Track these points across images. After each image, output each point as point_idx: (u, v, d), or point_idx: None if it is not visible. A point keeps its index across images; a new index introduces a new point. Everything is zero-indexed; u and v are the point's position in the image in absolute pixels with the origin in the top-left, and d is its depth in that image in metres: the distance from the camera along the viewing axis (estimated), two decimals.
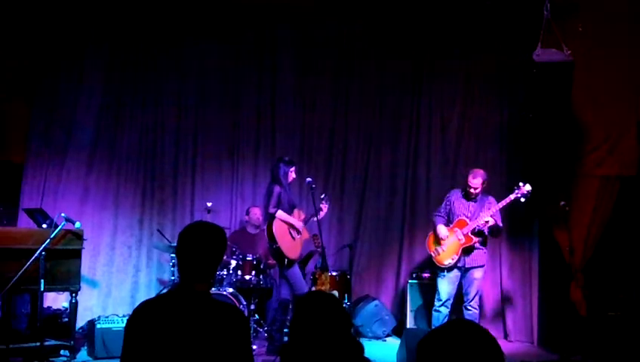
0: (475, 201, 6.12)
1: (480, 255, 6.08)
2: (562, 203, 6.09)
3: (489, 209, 6.00)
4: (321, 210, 6.41)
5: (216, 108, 7.72)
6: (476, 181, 6.03)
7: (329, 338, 2.42)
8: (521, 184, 5.99)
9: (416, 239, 7.51)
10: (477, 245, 6.03)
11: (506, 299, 7.27)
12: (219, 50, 7.71)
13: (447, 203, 6.26)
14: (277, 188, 6.09)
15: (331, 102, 7.86)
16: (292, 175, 6.28)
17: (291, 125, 7.82)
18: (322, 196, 6.55)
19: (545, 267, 7.02)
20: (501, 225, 6.09)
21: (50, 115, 7.24)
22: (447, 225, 6.17)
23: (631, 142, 6.23)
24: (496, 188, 6.38)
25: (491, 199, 6.12)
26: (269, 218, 6.09)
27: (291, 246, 6.15)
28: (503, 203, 5.99)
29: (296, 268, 6.16)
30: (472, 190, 6.06)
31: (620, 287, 6.38)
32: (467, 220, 6.03)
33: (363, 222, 7.73)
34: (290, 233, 6.18)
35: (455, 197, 6.23)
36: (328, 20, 7.81)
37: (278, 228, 6.07)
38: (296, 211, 6.31)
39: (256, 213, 7.28)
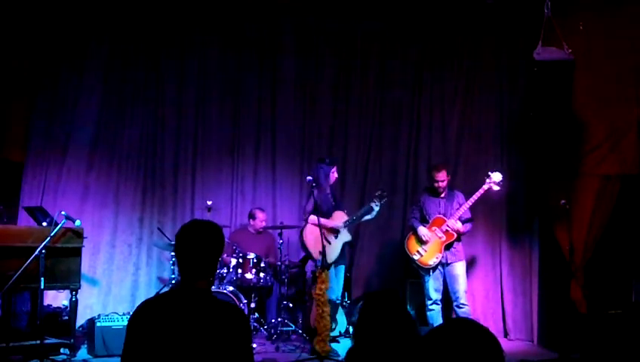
0: (444, 198, 6.22)
1: (459, 249, 6.17)
2: (563, 201, 6.10)
3: (459, 203, 6.13)
4: (372, 208, 6.27)
5: (216, 107, 7.72)
6: (441, 174, 6.19)
7: (396, 339, 2.40)
8: (490, 173, 6.13)
9: None
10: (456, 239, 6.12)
11: (506, 298, 7.26)
12: (219, 49, 7.72)
13: (419, 205, 6.38)
14: (314, 193, 6.12)
15: (332, 100, 7.86)
16: (334, 175, 6.29)
17: (292, 123, 7.82)
18: (377, 194, 6.30)
19: (545, 265, 7.01)
20: (470, 216, 6.25)
21: (51, 114, 7.24)
22: (423, 226, 6.23)
23: (632, 141, 6.23)
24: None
25: (459, 193, 6.28)
26: (304, 225, 6.21)
27: (326, 251, 6.03)
28: (477, 195, 6.09)
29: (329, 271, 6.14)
30: (439, 183, 6.18)
31: (620, 285, 6.37)
32: (443, 217, 6.10)
33: (363, 220, 7.71)
34: (326, 238, 6.01)
35: (424, 198, 6.37)
36: (329, 20, 7.81)
37: (309, 235, 6.12)
38: (337, 213, 6.26)
39: (261, 218, 7.25)
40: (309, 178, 6.22)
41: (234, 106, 7.75)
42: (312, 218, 6.08)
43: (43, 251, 5.19)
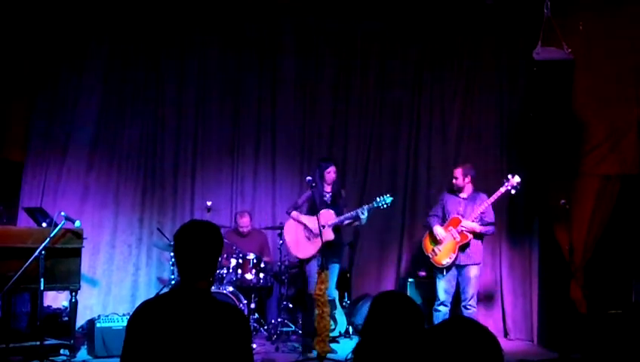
0: (466, 198, 6.17)
1: (475, 251, 6.06)
2: (562, 201, 6.09)
3: (480, 205, 6.05)
4: (358, 216, 6.07)
5: (216, 107, 7.72)
6: (457, 171, 6.16)
7: (404, 339, 2.40)
8: (509, 176, 6.05)
9: (416, 237, 7.49)
10: (472, 240, 6.03)
11: (505, 298, 7.26)
12: (219, 49, 7.72)
13: (441, 203, 6.33)
14: (307, 192, 6.30)
15: (331, 100, 7.86)
16: (330, 175, 6.27)
17: (292, 123, 7.82)
18: (376, 201, 6.04)
19: (545, 265, 7.01)
20: (492, 220, 6.12)
21: (51, 114, 7.24)
22: (441, 225, 6.19)
23: (632, 141, 6.22)
24: (496, 186, 6.37)
25: (483, 195, 6.16)
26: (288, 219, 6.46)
27: (301, 244, 6.26)
28: (494, 197, 6.02)
29: (312, 268, 6.14)
30: (454, 180, 6.16)
31: (620, 286, 6.37)
32: (460, 218, 6.05)
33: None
34: (305, 234, 6.24)
35: (446, 196, 6.33)
36: (329, 20, 7.81)
37: (288, 228, 6.37)
38: (324, 212, 6.14)
39: (242, 224, 7.20)
40: (309, 178, 6.20)
41: (234, 106, 7.75)
42: (294, 214, 6.32)
43: (43, 252, 5.19)
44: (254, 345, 6.09)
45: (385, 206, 6.08)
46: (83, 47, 7.34)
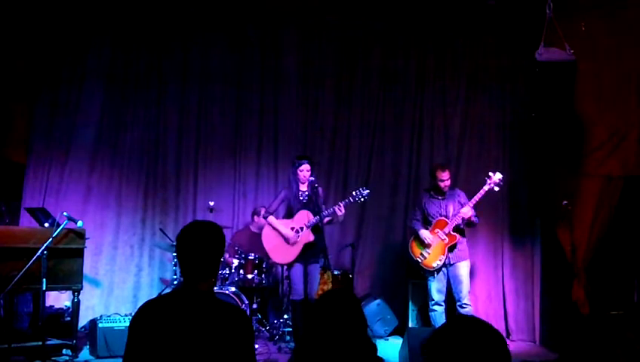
0: (445, 198, 6.13)
1: (462, 249, 6.08)
2: (565, 202, 6.09)
3: (460, 203, 6.05)
4: (335, 213, 5.87)
5: (218, 108, 7.72)
6: (446, 173, 6.08)
7: (344, 336, 2.42)
8: (491, 174, 6.04)
9: None
10: (460, 239, 6.04)
11: (508, 299, 7.26)
12: (221, 50, 7.72)
13: (421, 206, 6.27)
14: (282, 193, 6.10)
15: (334, 101, 7.86)
16: (302, 174, 5.94)
17: (294, 124, 7.82)
18: (352, 195, 5.93)
19: (547, 266, 7.01)
20: (476, 220, 6.08)
21: (53, 114, 7.25)
22: (425, 228, 6.15)
23: (633, 141, 6.22)
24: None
25: (459, 192, 6.16)
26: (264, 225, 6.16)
27: (280, 250, 5.96)
28: (478, 196, 5.99)
29: (293, 272, 5.96)
30: (444, 183, 6.07)
31: (622, 286, 6.37)
32: (446, 219, 6.03)
33: (365, 221, 7.72)
34: (284, 237, 5.97)
35: (425, 199, 6.25)
36: (331, 20, 7.81)
37: (266, 234, 6.06)
38: (301, 213, 5.96)
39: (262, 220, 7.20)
40: (312, 178, 6.13)
41: (236, 106, 7.75)
42: (270, 219, 6.01)
43: (45, 252, 5.19)
44: (256, 346, 6.10)
45: (362, 199, 5.96)
46: (84, 47, 7.35)
